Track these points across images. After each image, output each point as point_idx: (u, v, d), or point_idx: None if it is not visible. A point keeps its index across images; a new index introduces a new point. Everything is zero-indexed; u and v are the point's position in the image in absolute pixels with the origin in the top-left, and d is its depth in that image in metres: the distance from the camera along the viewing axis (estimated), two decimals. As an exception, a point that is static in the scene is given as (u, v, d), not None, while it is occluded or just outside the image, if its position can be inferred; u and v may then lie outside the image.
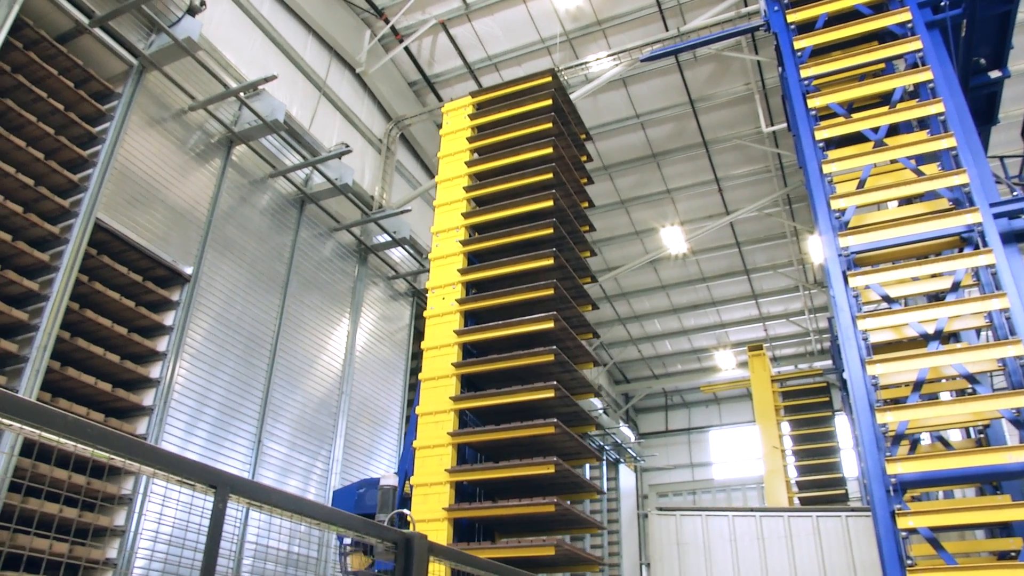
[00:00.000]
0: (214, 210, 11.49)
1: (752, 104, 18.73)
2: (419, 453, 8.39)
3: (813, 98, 9.76)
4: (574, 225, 9.67)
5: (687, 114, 19.41)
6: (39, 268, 8.60)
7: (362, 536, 3.69)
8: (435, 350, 8.97)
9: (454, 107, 10.80)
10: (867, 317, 8.05)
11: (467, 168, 10.06)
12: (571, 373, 8.71)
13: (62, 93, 9.28)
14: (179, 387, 10.20)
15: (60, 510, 7.69)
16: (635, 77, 18.35)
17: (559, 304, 8.83)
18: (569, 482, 8.38)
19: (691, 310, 28.30)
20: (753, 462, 31.37)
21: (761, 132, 18.80)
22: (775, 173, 21.03)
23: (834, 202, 8.89)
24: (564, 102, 10.36)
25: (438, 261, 9.60)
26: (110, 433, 2.57)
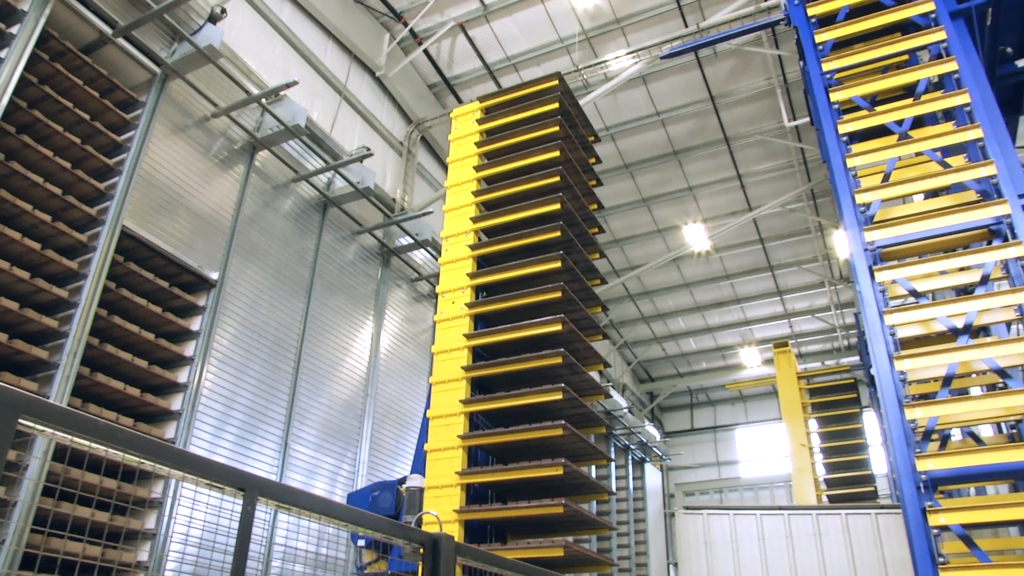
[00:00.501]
0: (238, 215, 11.60)
1: (774, 99, 18.58)
2: (430, 456, 8.47)
3: (836, 91, 9.67)
4: (582, 227, 9.69)
5: (708, 110, 19.30)
6: (68, 276, 8.72)
7: (391, 538, 3.71)
8: (445, 354, 9.02)
9: (462, 112, 10.84)
10: (894, 312, 7.96)
11: (475, 173, 10.10)
12: (580, 375, 8.74)
13: (88, 103, 9.41)
14: (206, 391, 10.30)
15: (92, 514, 7.79)
16: (655, 75, 18.28)
17: (567, 307, 8.85)
18: (578, 483, 8.42)
19: (715, 307, 28.13)
20: (780, 460, 31.12)
21: (783, 127, 18.66)
22: (798, 168, 20.85)
23: (859, 196, 8.80)
24: (571, 105, 10.37)
25: (448, 266, 9.66)
26: (140, 437, 2.60)
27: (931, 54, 9.50)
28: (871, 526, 12.99)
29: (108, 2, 9.69)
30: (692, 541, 13.98)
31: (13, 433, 2.31)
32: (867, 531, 12.97)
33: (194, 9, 10.59)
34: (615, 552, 22.95)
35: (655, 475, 29.07)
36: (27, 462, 7.44)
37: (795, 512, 13.68)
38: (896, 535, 12.46)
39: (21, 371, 8.23)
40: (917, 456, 7.17)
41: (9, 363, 8.14)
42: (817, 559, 12.97)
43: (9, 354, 7.99)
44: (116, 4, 9.80)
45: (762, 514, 13.80)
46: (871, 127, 9.39)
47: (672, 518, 29.43)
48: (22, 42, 8.29)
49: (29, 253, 8.30)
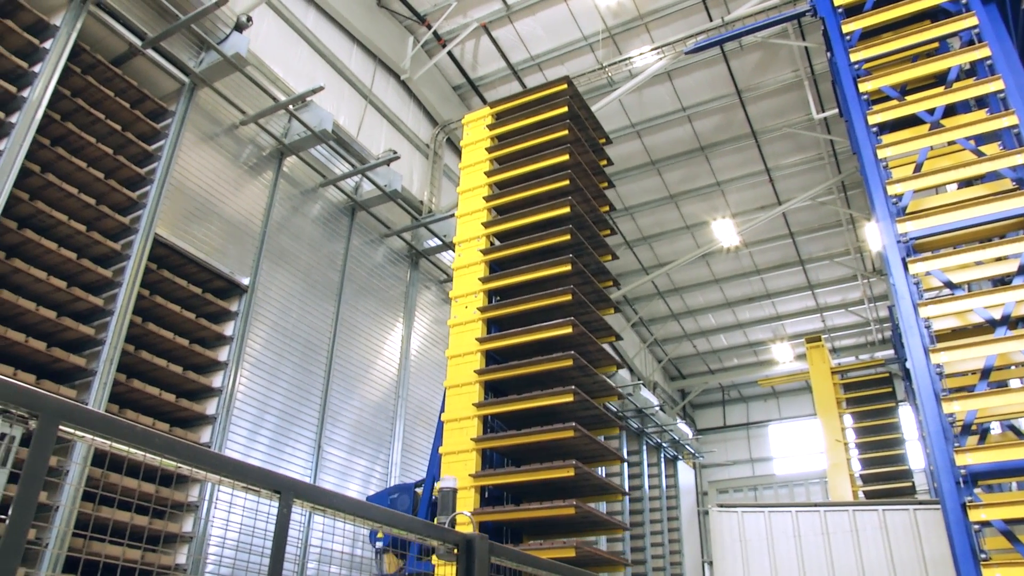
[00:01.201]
0: (268, 221, 11.72)
1: (801, 91, 18.38)
2: (445, 459, 8.55)
3: (864, 82, 9.53)
4: (593, 230, 9.70)
5: (734, 105, 19.14)
6: (103, 284, 8.87)
7: (425, 539, 3.73)
8: (459, 358, 9.10)
9: (473, 118, 10.92)
10: (929, 304, 7.83)
11: (486, 178, 10.16)
12: (592, 377, 8.78)
13: (119, 114, 9.56)
14: (240, 395, 10.42)
15: (131, 518, 7.91)
16: (680, 70, 18.16)
17: (577, 309, 8.90)
18: (592, 484, 8.48)
19: (745, 303, 27.88)
20: (815, 456, 30.75)
21: (812, 119, 18.45)
22: (828, 160, 20.60)
23: (891, 187, 8.67)
24: (580, 108, 10.38)
25: (460, 271, 9.74)
26: (177, 442, 2.64)
27: (962, 40, 9.34)
28: (909, 522, 12.78)
29: (137, 14, 9.84)
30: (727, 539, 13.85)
31: (54, 439, 2.35)
32: (905, 527, 12.77)
33: (221, 18, 10.72)
34: (648, 551, 22.83)
35: (688, 473, 28.84)
36: (67, 467, 7.58)
37: (831, 509, 13.50)
38: (936, 531, 12.25)
39: (60, 378, 8.38)
40: (956, 451, 7.05)
41: (48, 371, 8.30)
42: (854, 556, 12.79)
43: (48, 362, 8.15)
44: (145, 16, 9.95)
45: (797, 511, 13.63)
46: (901, 117, 9.25)
47: (706, 516, 29.23)
48: (55, 56, 8.46)
49: (65, 263, 8.46)
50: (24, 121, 7.97)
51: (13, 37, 8.32)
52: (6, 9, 8.36)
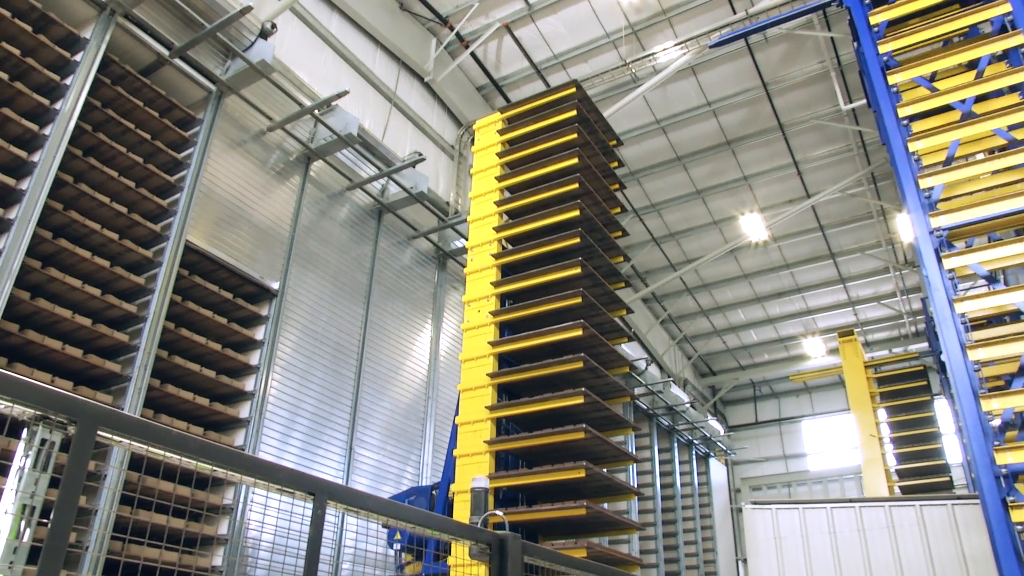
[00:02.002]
0: (296, 225, 11.82)
1: (828, 82, 18.15)
2: (460, 461, 8.64)
3: (894, 74, 9.39)
4: (603, 232, 9.74)
5: (760, 98, 18.95)
6: (136, 291, 9.01)
7: (459, 538, 3.73)
8: (472, 361, 9.18)
9: (484, 123, 10.99)
10: (965, 300, 7.69)
11: (497, 183, 10.22)
12: (603, 378, 8.83)
13: (148, 123, 9.70)
14: (272, 399, 10.53)
15: (168, 521, 8.03)
16: (704, 64, 18.02)
17: (589, 311, 8.93)
18: (604, 485, 8.55)
19: (775, 298, 27.61)
20: (849, 452, 30.35)
21: (839, 110, 18.23)
22: (857, 152, 20.33)
23: (923, 181, 8.53)
24: (590, 111, 10.42)
25: (473, 275, 9.83)
26: (212, 445, 2.67)
27: (994, 27, 9.17)
28: (948, 518, 12.56)
29: (164, 24, 9.98)
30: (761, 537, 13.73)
31: (92, 444, 2.39)
32: (944, 523, 12.56)
33: (246, 26, 10.83)
34: (681, 549, 22.71)
35: (720, 470, 28.68)
36: (105, 472, 7.70)
37: (867, 504, 13.32)
38: (976, 527, 12.03)
39: (96, 384, 8.53)
40: (996, 449, 6.93)
41: (85, 377, 8.44)
42: (892, 553, 12.61)
43: (84, 368, 8.29)
44: (171, 26, 10.08)
45: (832, 507, 13.47)
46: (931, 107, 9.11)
47: (739, 514, 28.99)
48: (85, 68, 8.60)
49: (99, 271, 8.60)
50: (57, 133, 8.11)
51: (45, 51, 8.47)
52: (38, 24, 8.52)
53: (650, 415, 22.68)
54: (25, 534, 2.30)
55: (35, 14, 8.46)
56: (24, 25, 8.27)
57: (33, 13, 8.45)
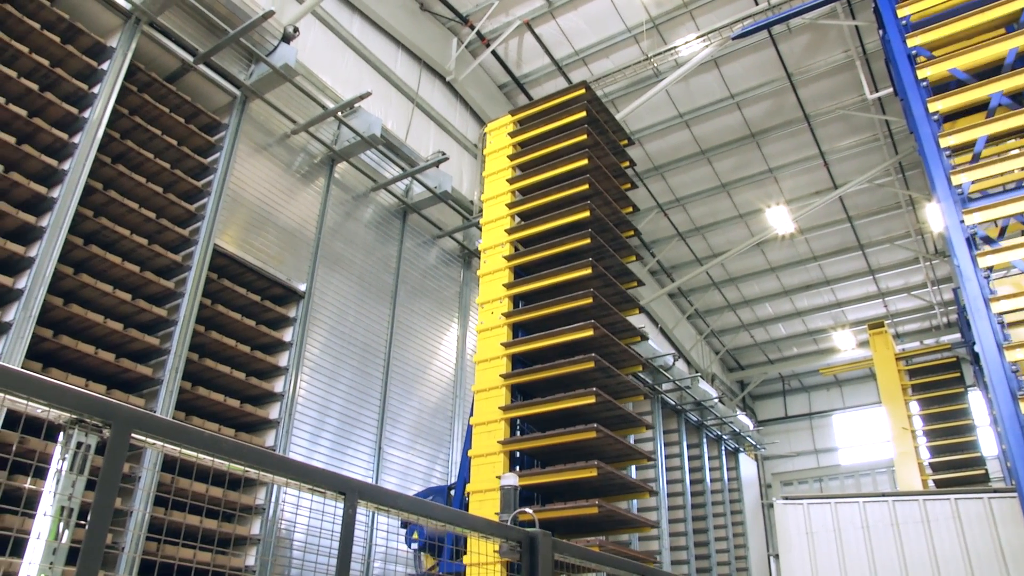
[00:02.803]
0: (321, 227, 11.91)
1: (853, 71, 17.93)
2: (474, 461, 8.75)
3: (923, 67, 9.22)
4: (614, 232, 9.75)
5: (785, 89, 18.77)
6: (166, 295, 9.13)
7: (489, 536, 3.74)
8: (486, 362, 9.26)
9: (496, 126, 11.06)
10: (1002, 299, 7.54)
11: (509, 185, 10.29)
12: (615, 378, 8.88)
13: (175, 129, 9.81)
14: (302, 399, 10.62)
15: (201, 521, 8.13)
16: (727, 57, 17.89)
17: (600, 312, 8.98)
18: (618, 484, 8.63)
19: (804, 291, 27.34)
20: (881, 445, 30.00)
21: (865, 99, 18.01)
22: (884, 141, 20.07)
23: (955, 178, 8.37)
24: (599, 112, 10.45)
25: (486, 277, 9.88)
26: (244, 446, 2.70)
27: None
28: (984, 511, 12.37)
29: (188, 31, 10.09)
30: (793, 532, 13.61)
31: (127, 446, 2.43)
32: (980, 517, 12.36)
33: (268, 31, 10.92)
34: (712, 545, 22.55)
35: (750, 465, 28.42)
36: (139, 474, 7.81)
37: (900, 498, 13.15)
38: (1013, 520, 11.83)
39: (128, 388, 8.65)
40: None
41: (117, 381, 8.57)
42: (926, 547, 12.44)
43: (117, 372, 8.42)
44: (196, 33, 10.19)
45: (865, 502, 13.31)
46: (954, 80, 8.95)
47: (770, 509, 28.76)
48: (112, 76, 8.72)
49: (130, 276, 8.72)
50: (86, 141, 8.23)
51: (73, 61, 8.60)
52: (66, 35, 8.66)
53: (678, 411, 22.56)
54: (64, 535, 2.34)
55: (63, 25, 8.60)
56: (52, 36, 8.40)
57: (61, 24, 8.58)
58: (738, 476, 26.68)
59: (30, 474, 6.60)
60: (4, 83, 7.93)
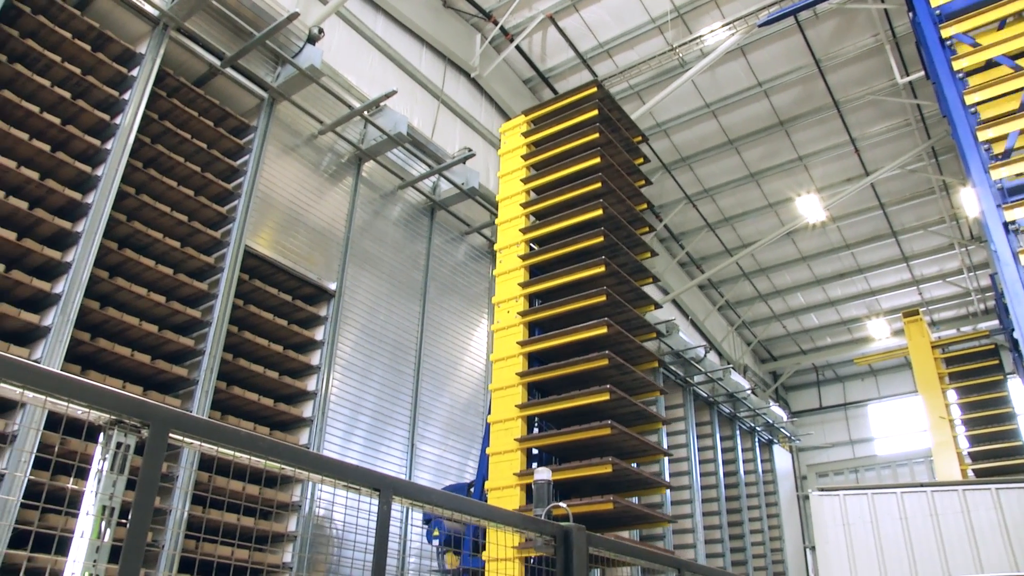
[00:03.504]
0: (350, 226, 11.99)
1: (883, 55, 17.63)
2: (492, 459, 8.85)
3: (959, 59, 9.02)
4: (628, 230, 9.78)
5: (813, 75, 18.52)
6: (200, 297, 9.25)
7: (523, 531, 3.75)
8: (502, 361, 9.35)
9: (509, 127, 11.15)
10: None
11: (523, 185, 10.35)
12: (630, 374, 8.94)
13: (204, 133, 9.93)
14: (334, 397, 10.71)
15: (238, 519, 8.24)
16: (753, 44, 17.69)
17: (613, 309, 9.03)
18: (633, 479, 8.71)
19: (836, 280, 27.00)
20: (919, 435, 29.55)
21: (896, 84, 17.70)
22: (916, 126, 19.73)
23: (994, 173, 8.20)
24: (612, 109, 10.46)
25: (502, 277, 9.97)
26: (280, 445, 2.73)
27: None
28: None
29: (215, 35, 10.20)
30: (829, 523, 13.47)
31: (165, 446, 2.47)
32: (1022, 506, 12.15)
33: (294, 33, 11.00)
34: (747, 538, 22.40)
35: (785, 457, 28.19)
36: (176, 473, 7.94)
37: (939, 489, 12.95)
38: (1056, 509, 11.60)
39: (165, 389, 8.79)
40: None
41: (154, 382, 8.71)
42: (967, 538, 12.24)
43: (153, 374, 8.55)
44: (222, 37, 10.29)
45: (902, 492, 13.14)
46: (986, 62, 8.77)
47: (806, 501, 28.48)
48: (142, 82, 8.85)
49: (164, 279, 8.85)
50: (118, 146, 8.37)
51: (104, 68, 8.74)
52: (97, 43, 8.80)
53: (710, 403, 22.42)
54: (106, 534, 2.39)
55: (93, 33, 8.74)
56: (83, 45, 8.55)
57: (91, 32, 8.72)
58: (772, 468, 26.48)
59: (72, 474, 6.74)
60: (38, 92, 8.08)
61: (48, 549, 6.14)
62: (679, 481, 19.57)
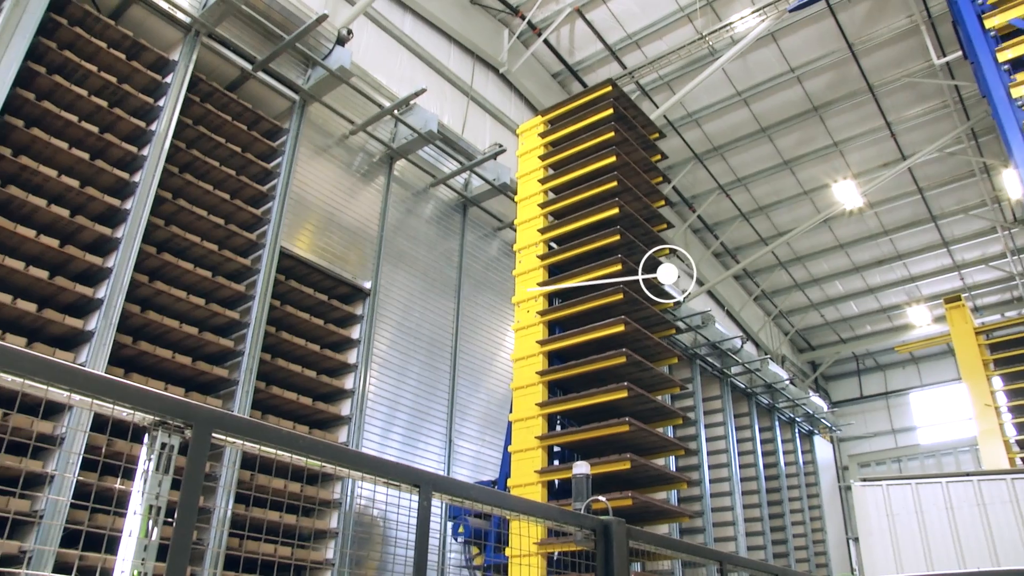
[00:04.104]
0: (384, 224, 12.06)
1: (918, 36, 17.27)
2: (514, 456, 8.94)
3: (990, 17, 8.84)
4: (645, 227, 9.78)
5: (846, 59, 18.21)
6: (237, 299, 9.38)
7: (562, 525, 3.75)
8: (523, 360, 9.42)
9: (527, 128, 11.22)
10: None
11: (541, 185, 10.40)
12: (649, 371, 9.00)
13: (238, 136, 10.06)
14: (372, 395, 10.79)
15: (281, 517, 8.36)
16: (784, 30, 17.44)
17: (631, 307, 9.06)
18: (652, 475, 8.82)
19: (875, 267, 26.56)
20: (963, 423, 28.96)
21: (932, 65, 17.34)
22: (954, 107, 19.31)
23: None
24: (627, 107, 10.47)
25: (522, 276, 10.02)
26: (320, 443, 2.76)
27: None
28: (1078, 488, 11.86)
29: (246, 40, 10.31)
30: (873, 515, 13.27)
31: (208, 446, 2.51)
32: (1073, 493, 11.86)
33: (323, 35, 11.08)
34: (789, 530, 22.15)
35: (826, 448, 27.80)
36: (219, 472, 8.06)
37: (985, 478, 12.70)
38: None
39: (206, 389, 8.93)
40: None
41: (195, 383, 8.85)
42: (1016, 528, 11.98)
43: (194, 375, 8.69)
44: (253, 41, 10.41)
45: (948, 482, 12.90)
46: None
47: (848, 492, 28.09)
48: (176, 89, 8.98)
49: (202, 281, 8.99)
50: (154, 152, 8.51)
51: (139, 76, 8.89)
52: (131, 51, 8.95)
53: (748, 394, 22.19)
54: (153, 533, 2.43)
55: (127, 42, 8.88)
56: (118, 54, 8.70)
57: (126, 42, 8.87)
58: (813, 459, 26.14)
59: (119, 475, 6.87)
60: (76, 102, 8.24)
61: (98, 548, 6.28)
62: (718, 474, 19.41)
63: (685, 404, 18.80)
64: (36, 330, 7.54)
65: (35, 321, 7.39)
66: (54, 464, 6.78)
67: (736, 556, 15.18)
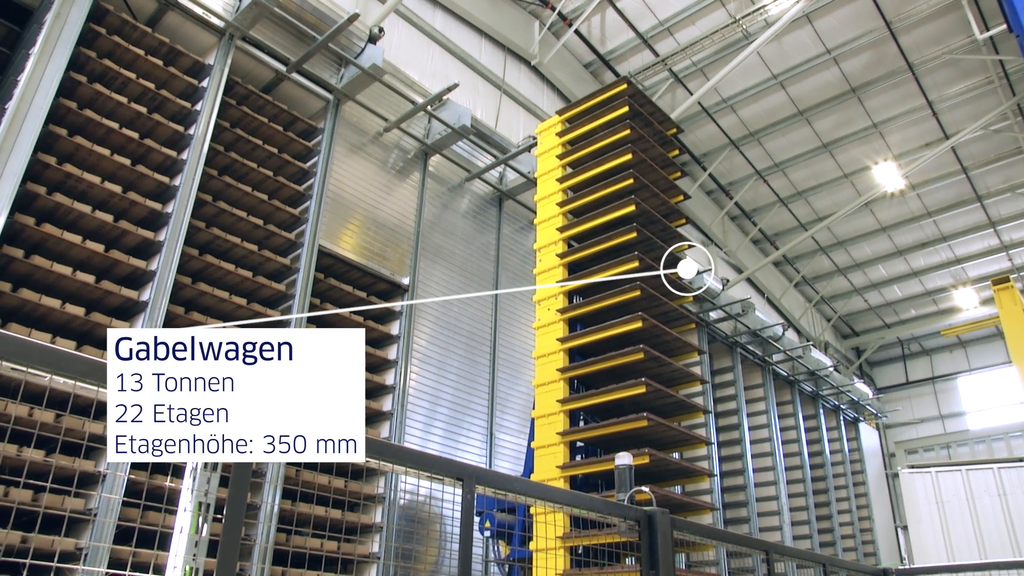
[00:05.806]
0: (420, 220, 12.13)
1: (959, 10, 16.82)
2: (537, 452, 9.00)
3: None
4: (663, 223, 9.76)
5: (884, 38, 17.82)
6: (279, 298, 9.51)
7: (606, 516, 3.75)
8: (544, 357, 9.47)
9: (545, 127, 11.20)
10: None
11: (559, 184, 10.42)
12: (668, 366, 9.05)
13: (274, 138, 10.18)
14: (412, 390, 10.88)
15: (327, 511, 8.47)
16: (819, 10, 17.11)
17: (648, 303, 9.07)
18: (672, 470, 8.93)
19: (918, 249, 26.01)
20: (1015, 407, 28.29)
21: (975, 40, 16.88)
22: (998, 83, 18.80)
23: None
24: (643, 104, 10.43)
25: (542, 275, 10.05)
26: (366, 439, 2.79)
27: None
28: None
29: (279, 42, 10.42)
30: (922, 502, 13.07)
31: (255, 443, 2.54)
32: None
33: (355, 34, 11.15)
34: (836, 518, 21.85)
35: (871, 435, 27.33)
36: (265, 468, 8.19)
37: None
38: None
39: (251, 388, 9.06)
40: None
41: (240, 382, 8.98)
42: (1074, 511, 11.70)
43: (239, 374, 8.82)
44: (286, 42, 10.52)
45: (999, 467, 12.64)
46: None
47: (896, 479, 27.62)
48: (212, 93, 9.12)
49: (244, 282, 9.13)
50: (193, 156, 8.65)
51: (176, 82, 9.04)
52: (168, 57, 9.11)
53: (791, 382, 21.91)
54: (203, 529, 2.48)
55: (164, 48, 9.04)
56: (156, 60, 8.85)
57: (163, 48, 9.03)
58: (859, 446, 25.73)
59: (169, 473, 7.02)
60: (117, 109, 8.41)
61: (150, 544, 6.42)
62: (762, 463, 19.20)
63: (726, 393, 18.62)
64: (84, 334, 7.72)
65: (83, 325, 7.57)
66: (105, 464, 6.95)
67: (782, 545, 15.03)
